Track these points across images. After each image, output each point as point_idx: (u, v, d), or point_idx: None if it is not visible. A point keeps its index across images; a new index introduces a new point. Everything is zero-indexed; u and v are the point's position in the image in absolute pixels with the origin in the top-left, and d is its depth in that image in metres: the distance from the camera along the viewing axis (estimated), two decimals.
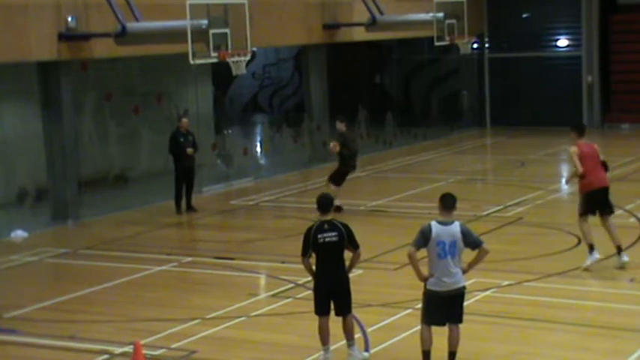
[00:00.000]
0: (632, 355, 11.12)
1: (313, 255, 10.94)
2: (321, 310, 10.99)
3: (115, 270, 16.00)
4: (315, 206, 11.08)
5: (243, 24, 18.60)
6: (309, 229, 10.90)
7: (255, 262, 16.34)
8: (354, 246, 10.96)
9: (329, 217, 10.92)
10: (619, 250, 14.65)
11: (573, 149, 14.54)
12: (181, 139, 20.67)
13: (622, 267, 14.58)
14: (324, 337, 10.99)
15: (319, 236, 10.80)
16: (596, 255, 14.48)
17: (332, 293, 10.97)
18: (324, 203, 10.97)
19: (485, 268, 12.81)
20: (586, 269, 14.54)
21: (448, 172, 24.91)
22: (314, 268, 11.02)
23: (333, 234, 10.81)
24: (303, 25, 26.14)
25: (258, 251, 17.16)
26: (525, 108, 33.73)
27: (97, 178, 23.95)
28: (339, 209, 18.48)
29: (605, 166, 14.70)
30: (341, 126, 20.09)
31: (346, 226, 10.94)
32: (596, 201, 14.58)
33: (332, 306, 11.00)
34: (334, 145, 19.86)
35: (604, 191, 14.66)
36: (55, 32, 19.45)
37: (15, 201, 21.91)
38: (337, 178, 20.00)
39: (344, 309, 11.02)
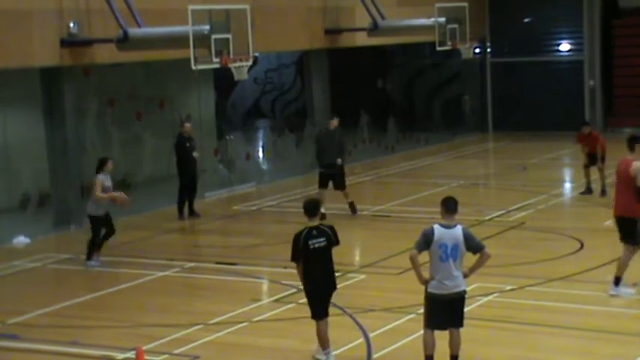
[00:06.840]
0: (634, 359, 11.11)
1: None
2: (319, 314, 11.11)
3: (118, 275, 16.01)
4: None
5: (245, 29, 18.59)
6: (299, 236, 11.00)
7: (258, 268, 16.35)
8: (337, 243, 11.19)
9: (316, 222, 11.06)
10: None
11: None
12: (187, 144, 20.73)
13: None
14: (325, 341, 11.06)
15: (310, 242, 10.94)
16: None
17: (327, 294, 11.18)
18: (311, 208, 11.13)
19: (487, 272, 12.80)
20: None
21: (451, 176, 24.89)
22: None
23: (322, 239, 11.00)
24: (305, 30, 26.15)
25: (261, 256, 17.16)
26: (527, 112, 33.69)
27: None
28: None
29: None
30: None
31: (332, 229, 11.18)
32: None
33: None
34: None
35: None
36: (58, 38, 19.48)
37: (17, 207, 21.93)
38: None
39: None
